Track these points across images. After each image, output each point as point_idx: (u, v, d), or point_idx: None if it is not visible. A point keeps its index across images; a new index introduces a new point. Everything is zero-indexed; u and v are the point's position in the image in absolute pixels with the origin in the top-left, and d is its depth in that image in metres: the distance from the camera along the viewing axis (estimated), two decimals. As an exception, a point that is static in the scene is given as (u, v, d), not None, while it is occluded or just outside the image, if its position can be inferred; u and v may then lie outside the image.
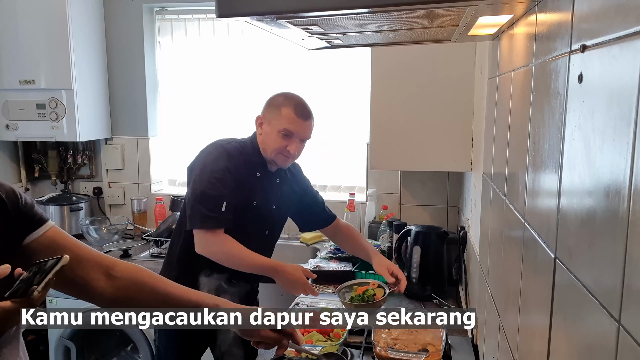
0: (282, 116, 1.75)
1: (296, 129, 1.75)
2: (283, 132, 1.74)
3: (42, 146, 3.12)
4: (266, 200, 1.85)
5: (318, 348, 1.48)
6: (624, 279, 0.47)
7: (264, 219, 1.87)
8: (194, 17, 3.01)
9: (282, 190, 1.91)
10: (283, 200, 1.92)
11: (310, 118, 1.79)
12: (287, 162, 1.83)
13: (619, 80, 0.51)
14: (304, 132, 1.78)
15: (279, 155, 1.78)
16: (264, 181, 1.85)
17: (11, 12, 2.71)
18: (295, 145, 1.77)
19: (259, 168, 1.84)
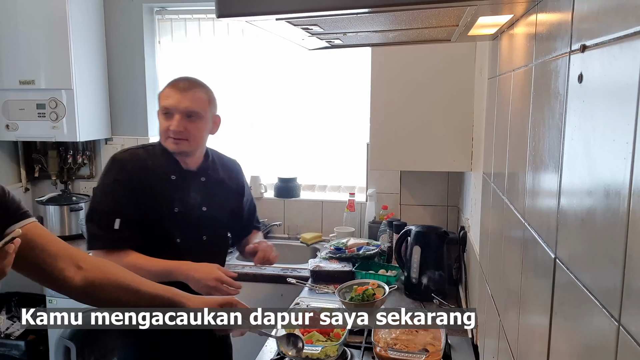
0: (160, 98, 1.62)
1: (172, 102, 1.57)
2: (162, 113, 1.59)
3: (42, 146, 3.12)
4: (191, 203, 1.66)
5: (318, 348, 1.48)
6: (624, 279, 0.47)
7: (195, 225, 1.67)
8: (194, 17, 3.01)
9: (212, 189, 1.71)
10: (216, 200, 1.71)
11: (189, 89, 1.59)
12: (179, 145, 1.59)
13: (619, 80, 0.51)
14: (182, 104, 1.56)
15: (167, 140, 1.59)
16: (184, 183, 1.65)
17: (11, 12, 2.71)
18: (177, 122, 1.56)
19: (172, 170, 1.64)
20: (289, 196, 2.96)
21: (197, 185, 1.68)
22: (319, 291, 2.13)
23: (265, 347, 1.65)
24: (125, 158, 1.62)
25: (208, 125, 1.66)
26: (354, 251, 2.34)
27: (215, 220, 1.72)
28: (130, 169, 1.60)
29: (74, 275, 1.10)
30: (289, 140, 3.04)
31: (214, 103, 1.68)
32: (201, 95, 1.61)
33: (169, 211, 1.61)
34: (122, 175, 1.58)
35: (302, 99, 2.98)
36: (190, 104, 1.58)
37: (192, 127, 1.59)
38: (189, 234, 1.66)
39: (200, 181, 1.69)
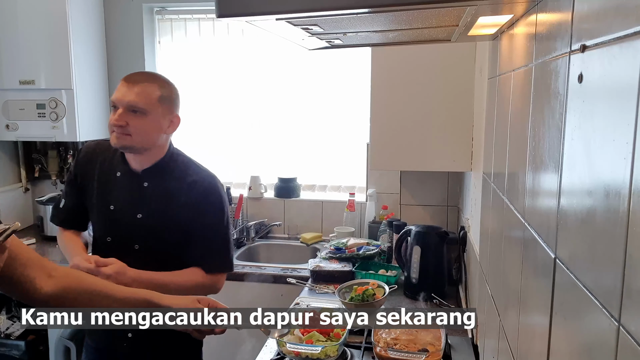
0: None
1: (117, 95, 1.50)
2: (111, 106, 1.54)
3: (42, 146, 3.12)
4: (126, 205, 1.57)
5: (318, 348, 1.48)
6: (624, 279, 0.47)
7: (127, 230, 1.57)
8: (194, 17, 3.01)
9: (154, 198, 1.56)
10: (155, 210, 1.56)
11: (138, 83, 1.50)
12: (120, 140, 1.50)
13: (619, 80, 0.51)
14: (126, 98, 1.48)
15: (112, 134, 1.52)
16: (125, 182, 1.58)
17: (11, 12, 2.71)
18: (118, 115, 1.48)
19: (119, 166, 1.60)
20: (289, 196, 2.96)
21: (137, 189, 1.57)
22: (319, 291, 2.14)
23: (265, 347, 1.65)
24: (85, 146, 1.69)
25: (158, 124, 1.53)
26: (354, 251, 2.34)
27: (152, 231, 1.56)
28: (81, 157, 1.65)
29: (44, 284, 1.08)
30: (289, 140, 3.04)
31: (171, 101, 1.56)
32: (151, 91, 1.50)
33: (105, 207, 1.58)
34: (75, 161, 1.67)
35: (302, 99, 2.98)
36: (135, 98, 1.48)
37: (136, 123, 1.49)
38: (120, 237, 1.57)
39: (142, 186, 1.57)
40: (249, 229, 2.89)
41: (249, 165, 3.06)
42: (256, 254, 2.85)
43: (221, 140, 3.09)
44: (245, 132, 3.07)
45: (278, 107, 3.02)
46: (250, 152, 3.09)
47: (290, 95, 3.00)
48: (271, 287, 2.40)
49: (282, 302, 2.24)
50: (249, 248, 2.84)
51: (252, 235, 2.90)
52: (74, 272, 1.17)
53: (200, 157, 3.26)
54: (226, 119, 3.07)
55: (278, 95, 3.01)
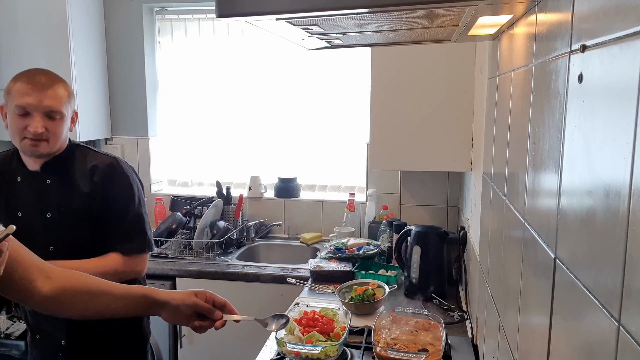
0: (14, 93, 1.46)
1: (31, 101, 1.43)
2: (17, 111, 1.45)
3: (42, 146, 3.12)
4: (33, 208, 1.53)
5: (318, 348, 1.48)
6: (624, 279, 0.47)
7: (39, 233, 1.51)
8: (194, 17, 3.01)
9: (59, 193, 1.54)
10: (62, 205, 1.54)
11: (49, 86, 1.47)
12: (38, 147, 1.47)
13: (619, 80, 0.51)
14: (44, 103, 1.45)
15: (22, 141, 1.47)
16: (28, 186, 1.54)
17: (11, 12, 2.71)
18: (37, 122, 1.44)
19: (18, 171, 1.55)
20: (289, 196, 2.96)
21: (41, 188, 1.54)
22: (319, 291, 2.14)
23: (265, 347, 1.65)
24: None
25: (68, 125, 1.55)
26: (354, 251, 2.34)
27: (64, 228, 1.54)
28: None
29: (42, 286, 1.08)
30: (289, 140, 3.04)
31: (74, 97, 1.57)
32: (62, 92, 1.50)
33: (12, 216, 1.52)
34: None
35: (302, 99, 2.98)
36: (53, 102, 1.46)
37: (54, 127, 1.48)
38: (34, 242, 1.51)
39: (45, 184, 1.54)
40: (249, 229, 2.89)
41: (249, 165, 3.06)
42: (256, 254, 2.85)
43: (221, 140, 3.09)
44: (245, 132, 3.07)
45: (278, 107, 3.02)
46: (250, 152, 3.09)
47: (290, 95, 3.00)
48: (271, 287, 2.40)
49: (282, 302, 2.23)
50: (249, 248, 2.84)
51: (252, 235, 2.90)
52: (72, 273, 1.16)
53: (200, 157, 3.25)
54: (226, 119, 3.07)
55: (278, 95, 3.02)
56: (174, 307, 1.14)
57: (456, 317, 1.88)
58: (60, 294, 1.10)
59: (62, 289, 1.10)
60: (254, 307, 2.37)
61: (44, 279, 1.09)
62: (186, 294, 1.16)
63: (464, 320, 1.86)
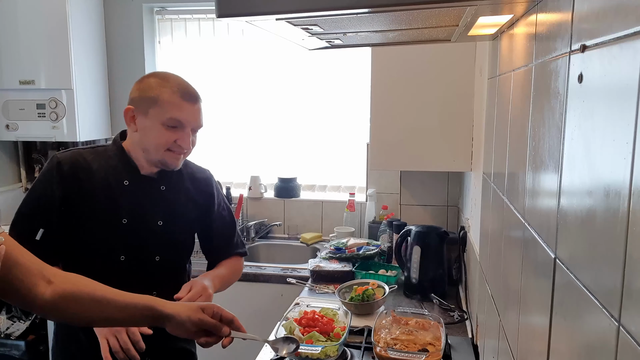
0: (163, 102, 1.36)
1: (185, 116, 1.38)
2: (168, 123, 1.37)
3: (42, 146, 3.12)
4: (144, 214, 1.43)
5: (318, 348, 1.48)
6: (624, 279, 0.47)
7: (146, 241, 1.43)
8: (194, 17, 3.01)
9: (173, 201, 1.49)
10: (176, 214, 1.49)
11: (199, 100, 1.43)
12: (180, 161, 1.44)
13: (619, 80, 0.51)
14: (195, 119, 1.41)
15: (168, 153, 1.40)
16: (138, 190, 1.44)
17: (11, 12, 2.71)
18: (188, 137, 1.40)
19: (125, 174, 1.43)
20: (289, 196, 2.96)
21: (155, 194, 1.46)
22: (319, 291, 2.14)
23: (265, 347, 1.65)
24: (64, 158, 1.40)
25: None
26: (354, 251, 2.34)
27: (173, 237, 1.49)
28: (67, 170, 1.38)
29: (44, 291, 1.04)
30: (289, 140, 3.04)
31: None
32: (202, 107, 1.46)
33: (115, 222, 1.40)
34: (55, 178, 1.37)
35: (302, 99, 2.98)
36: (201, 120, 1.44)
37: (194, 143, 1.46)
38: (137, 251, 1.42)
39: (160, 190, 1.47)
40: (249, 229, 2.89)
41: (249, 165, 3.06)
42: (256, 254, 2.85)
43: (221, 140, 3.09)
44: (245, 132, 3.07)
45: (278, 107, 3.02)
46: (250, 152, 3.09)
47: (290, 95, 3.00)
48: (271, 287, 2.40)
49: (282, 302, 2.24)
50: (249, 248, 2.84)
51: (252, 235, 2.90)
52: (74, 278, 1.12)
53: (200, 157, 3.27)
54: (226, 118, 3.07)
55: (278, 95, 3.02)
56: (179, 322, 1.11)
57: (456, 317, 1.88)
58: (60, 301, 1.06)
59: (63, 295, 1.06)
60: (254, 307, 2.37)
61: (45, 284, 1.05)
62: (193, 310, 1.13)
63: (464, 320, 1.86)
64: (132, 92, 1.43)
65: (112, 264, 1.40)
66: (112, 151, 1.45)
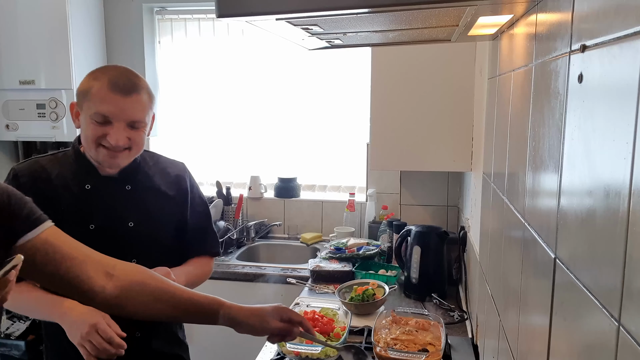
0: (92, 96, 1.27)
1: (113, 109, 1.26)
2: (95, 118, 1.26)
3: (42, 146, 3.12)
4: (112, 217, 1.35)
5: (318, 348, 1.48)
6: (624, 279, 0.47)
7: (119, 245, 1.32)
8: (194, 17, 3.01)
9: (142, 199, 1.40)
10: (147, 213, 1.40)
11: (134, 91, 1.29)
12: (118, 159, 1.32)
13: (619, 80, 0.51)
14: (128, 112, 1.28)
15: (102, 150, 1.29)
16: (101, 193, 1.35)
17: (11, 12, 2.71)
18: (120, 133, 1.27)
19: (85, 177, 1.35)
20: (289, 196, 2.96)
21: (121, 195, 1.38)
22: (319, 291, 2.14)
23: (265, 347, 1.65)
24: (21, 169, 1.34)
25: (148, 130, 1.39)
26: (354, 251, 2.34)
27: (147, 237, 1.40)
28: (24, 182, 1.31)
29: (105, 284, 1.00)
30: (289, 140, 3.04)
31: (154, 101, 1.40)
32: (145, 98, 1.33)
33: (82, 229, 1.30)
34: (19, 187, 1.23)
35: (302, 99, 2.98)
36: (139, 113, 1.30)
37: (136, 136, 1.32)
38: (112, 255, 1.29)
39: (125, 190, 1.38)
40: (249, 229, 2.89)
41: (249, 165, 3.06)
42: (256, 254, 2.85)
43: (221, 140, 3.09)
44: (245, 132, 3.07)
45: (278, 107, 3.02)
46: (250, 152, 3.09)
47: (290, 95, 3.00)
48: (271, 287, 2.40)
49: (282, 302, 2.22)
50: (249, 248, 2.84)
51: (252, 235, 2.90)
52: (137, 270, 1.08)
53: (200, 157, 3.25)
54: (226, 119, 3.07)
55: (278, 95, 3.01)
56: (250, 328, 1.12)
57: (456, 317, 1.88)
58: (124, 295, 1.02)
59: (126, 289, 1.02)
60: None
61: (104, 277, 1.01)
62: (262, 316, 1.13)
63: (464, 320, 1.86)
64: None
65: None
66: (71, 156, 1.39)
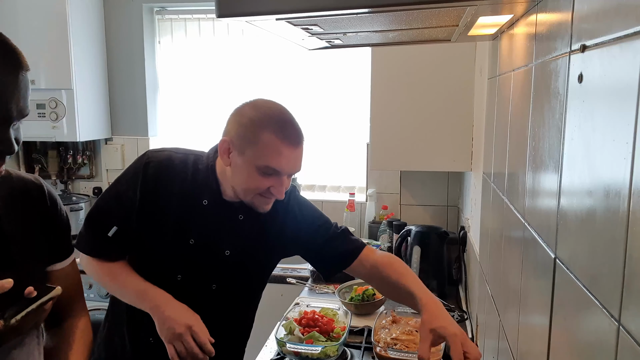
0: (262, 145, 1.19)
1: (285, 163, 1.20)
2: (264, 170, 1.20)
3: (42, 146, 3.12)
4: (211, 239, 1.30)
5: (318, 348, 1.48)
6: (624, 279, 0.47)
7: (207, 268, 1.30)
8: (194, 17, 3.01)
9: (249, 231, 1.33)
10: (248, 245, 1.33)
11: (301, 142, 1.25)
12: (269, 205, 1.27)
13: (619, 80, 0.51)
14: (295, 166, 1.24)
15: (258, 197, 1.24)
16: (214, 213, 1.29)
17: (11, 12, 2.71)
18: (282, 185, 1.23)
19: (205, 192, 1.29)
20: (289, 196, 2.95)
21: (230, 222, 1.31)
22: (319, 291, 2.14)
23: (265, 347, 1.66)
24: (154, 159, 1.29)
25: None
26: (354, 251, 2.34)
27: (238, 268, 1.34)
28: (152, 174, 1.27)
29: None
30: (289, 140, 3.03)
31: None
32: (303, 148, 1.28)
33: (182, 241, 1.28)
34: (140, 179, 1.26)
35: (302, 98, 2.98)
36: (300, 163, 1.26)
37: (289, 184, 1.29)
38: (196, 275, 1.30)
39: (238, 219, 1.31)
40: (249, 229, 2.88)
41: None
42: (256, 254, 2.85)
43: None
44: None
45: (278, 107, 3.02)
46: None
47: (290, 95, 3.00)
48: (271, 287, 2.38)
49: (282, 302, 2.23)
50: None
51: (252, 235, 2.89)
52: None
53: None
54: (226, 119, 3.07)
55: (278, 95, 3.01)
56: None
57: (456, 317, 1.88)
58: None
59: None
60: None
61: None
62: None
63: (464, 320, 1.86)
64: (229, 122, 1.28)
65: (168, 281, 1.28)
66: (203, 164, 1.31)
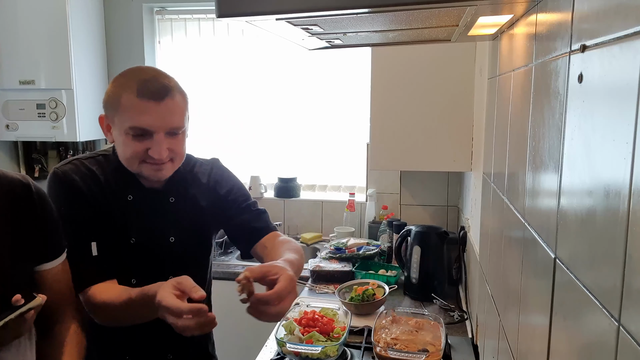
0: (122, 108, 1.13)
1: (150, 120, 1.12)
2: (132, 132, 1.14)
3: (42, 146, 3.12)
4: (153, 231, 1.26)
5: (318, 348, 1.48)
6: (624, 279, 0.47)
7: (159, 261, 1.26)
8: (194, 17, 3.01)
9: (184, 210, 1.29)
10: (188, 226, 1.30)
11: (166, 95, 1.14)
12: (162, 172, 1.20)
13: (619, 80, 0.51)
14: (165, 121, 1.14)
15: (144, 165, 1.18)
16: (143, 205, 1.25)
17: (11, 12, 2.71)
18: (161, 145, 1.15)
19: (128, 188, 1.24)
20: (289, 196, 2.96)
21: (163, 208, 1.27)
22: (319, 291, 2.14)
23: (265, 347, 1.65)
24: (69, 169, 1.22)
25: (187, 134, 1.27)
26: (354, 251, 2.34)
27: (187, 254, 1.31)
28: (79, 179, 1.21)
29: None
30: (289, 140, 3.04)
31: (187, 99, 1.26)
32: (179, 99, 1.19)
33: (122, 244, 1.23)
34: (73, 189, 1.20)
35: (302, 99, 2.98)
36: (175, 118, 1.16)
37: (177, 145, 1.19)
38: (148, 273, 1.22)
39: (169, 202, 1.28)
40: (249, 229, 2.88)
41: (249, 165, 3.06)
42: (256, 254, 2.85)
43: (221, 140, 3.09)
44: (245, 132, 3.07)
45: (278, 107, 3.03)
46: (250, 152, 3.09)
47: (290, 95, 3.00)
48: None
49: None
50: (249, 248, 2.83)
51: (252, 235, 2.89)
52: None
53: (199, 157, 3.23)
54: (226, 119, 3.07)
55: (278, 95, 3.02)
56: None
57: (456, 317, 1.88)
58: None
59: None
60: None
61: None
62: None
63: (464, 320, 1.86)
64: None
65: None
66: (113, 162, 1.26)
